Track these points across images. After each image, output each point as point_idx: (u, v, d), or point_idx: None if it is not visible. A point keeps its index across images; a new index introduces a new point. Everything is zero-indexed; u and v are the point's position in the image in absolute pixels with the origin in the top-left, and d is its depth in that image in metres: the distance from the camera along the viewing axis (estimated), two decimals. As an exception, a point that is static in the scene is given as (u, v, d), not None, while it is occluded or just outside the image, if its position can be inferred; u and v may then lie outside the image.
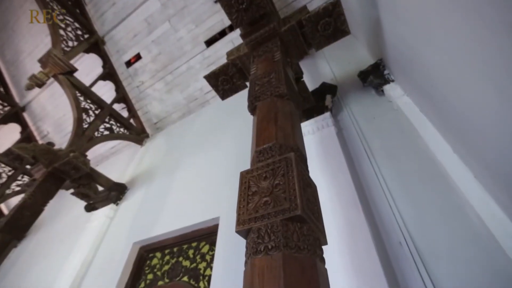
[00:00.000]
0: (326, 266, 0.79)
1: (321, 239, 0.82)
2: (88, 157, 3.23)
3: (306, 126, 2.22)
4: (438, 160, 1.58)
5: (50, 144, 3.24)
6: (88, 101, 3.73)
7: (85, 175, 3.17)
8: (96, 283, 2.58)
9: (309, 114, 2.34)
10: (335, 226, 1.53)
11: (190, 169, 3.00)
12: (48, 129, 5.42)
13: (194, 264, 2.20)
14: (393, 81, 2.17)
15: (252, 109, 1.36)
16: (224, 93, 2.13)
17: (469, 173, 1.45)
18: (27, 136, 5.36)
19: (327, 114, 2.24)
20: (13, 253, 4.46)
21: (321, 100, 2.34)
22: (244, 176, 0.97)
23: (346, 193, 1.68)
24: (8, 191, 5.00)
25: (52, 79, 3.75)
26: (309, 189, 0.92)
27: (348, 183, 1.72)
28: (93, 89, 3.85)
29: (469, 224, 1.35)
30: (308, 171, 1.03)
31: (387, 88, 2.15)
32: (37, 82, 3.45)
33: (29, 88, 3.40)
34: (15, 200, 4.42)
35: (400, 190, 1.63)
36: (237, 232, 0.83)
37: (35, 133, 5.45)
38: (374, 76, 2.22)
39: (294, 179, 0.84)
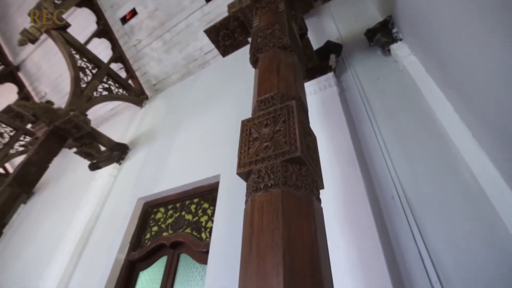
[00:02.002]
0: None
1: (319, 182, 0.86)
2: (89, 118, 3.23)
3: (308, 87, 2.19)
4: (438, 120, 1.59)
5: (49, 103, 3.22)
6: (84, 59, 3.62)
7: (87, 134, 3.20)
8: (105, 234, 2.75)
9: (312, 74, 2.29)
10: (332, 181, 1.58)
11: (191, 130, 3.02)
12: (45, 90, 5.33)
13: (196, 218, 2.32)
14: (401, 40, 2.08)
15: (254, 61, 1.33)
16: (225, 49, 2.06)
17: (468, 132, 1.47)
18: (24, 96, 5.29)
19: (330, 75, 2.19)
20: (22, 209, 4.69)
21: (324, 60, 2.27)
22: (245, 124, 0.98)
23: (344, 151, 1.71)
24: (12, 151, 5.08)
25: (45, 35, 3.60)
26: (309, 138, 0.94)
27: (347, 142, 1.74)
28: (89, 47, 3.71)
29: (461, 180, 1.40)
30: (308, 122, 1.04)
31: (394, 47, 2.07)
32: (29, 38, 3.31)
33: (22, 43, 3.27)
34: (19, 160, 4.52)
35: (397, 149, 1.66)
36: (238, 174, 0.86)
37: (33, 94, 5.37)
38: (382, 35, 2.13)
39: (295, 124, 0.85)
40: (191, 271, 2.13)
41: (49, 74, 5.14)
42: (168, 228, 2.44)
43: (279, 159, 0.79)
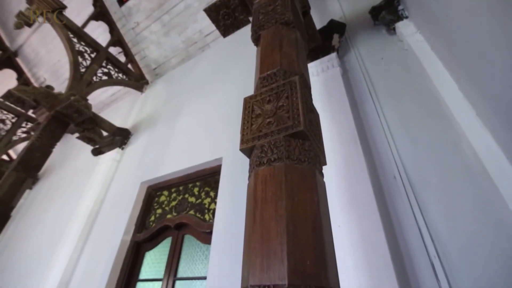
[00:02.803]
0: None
1: (321, 158, 0.86)
2: (90, 103, 3.21)
3: (311, 68, 2.15)
4: (442, 99, 1.57)
5: (49, 87, 3.19)
6: (82, 43, 3.55)
7: (89, 119, 3.20)
8: (110, 217, 2.81)
9: (315, 55, 2.24)
10: (334, 161, 1.59)
11: (192, 114, 3.01)
12: (44, 75, 5.28)
13: (200, 200, 2.36)
14: (406, 17, 2.02)
15: (255, 38, 1.30)
16: (225, 29, 2.01)
17: (472, 111, 1.46)
18: (24, 82, 5.25)
19: (333, 55, 2.15)
20: (29, 194, 4.78)
21: (328, 40, 2.22)
22: (248, 101, 0.97)
23: (346, 132, 1.71)
24: (14, 138, 5.11)
25: (41, 19, 3.52)
26: (312, 114, 0.93)
27: (349, 123, 1.73)
28: (86, 31, 3.63)
29: (463, 158, 1.40)
30: (311, 98, 1.03)
31: (399, 25, 2.02)
32: (25, 21, 3.24)
33: (18, 27, 3.21)
34: (22, 147, 4.56)
35: (400, 129, 1.66)
36: (241, 150, 0.86)
37: (32, 80, 5.33)
38: (387, 12, 2.07)
39: (298, 100, 0.84)
40: (195, 251, 2.19)
41: (47, 59, 5.07)
42: (172, 210, 2.48)
43: (282, 134, 0.79)
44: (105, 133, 3.55)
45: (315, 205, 0.67)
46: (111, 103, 4.83)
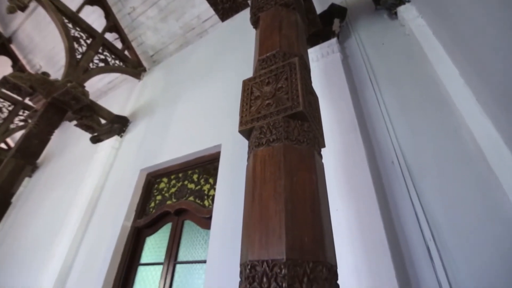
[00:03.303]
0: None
1: (320, 140, 0.86)
2: (87, 90, 3.18)
3: (310, 54, 2.12)
4: (443, 85, 1.56)
5: (45, 74, 3.14)
6: (78, 28, 3.48)
7: (86, 106, 3.17)
8: (110, 204, 2.83)
9: (314, 40, 2.20)
10: (333, 146, 1.59)
11: (191, 101, 2.99)
12: (40, 62, 5.19)
13: (199, 187, 2.37)
14: (408, 1, 1.98)
15: (254, 21, 1.27)
16: (224, 13, 1.97)
17: (472, 97, 1.45)
18: (19, 70, 5.16)
19: (334, 40, 2.11)
20: (28, 182, 4.79)
21: (328, 25, 2.18)
22: (247, 84, 0.96)
23: (345, 118, 1.70)
24: (12, 126, 5.09)
25: (35, 3, 3.43)
26: (311, 96, 0.92)
27: (349, 109, 1.73)
28: (81, 16, 3.55)
29: (462, 144, 1.41)
30: (311, 81, 1.02)
31: (401, 9, 1.98)
32: (18, 5, 3.16)
33: (11, 11, 3.13)
34: (20, 135, 4.54)
35: (399, 115, 1.65)
36: (240, 131, 0.86)
37: (27, 67, 5.25)
38: (389, -4, 2.02)
39: (297, 81, 0.84)
40: (195, 236, 2.22)
41: (42, 46, 4.97)
42: (172, 196, 2.50)
43: (281, 115, 0.79)
44: (103, 121, 3.53)
45: (313, 184, 0.67)
46: (108, 91, 4.78)
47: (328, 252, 0.60)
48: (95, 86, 4.65)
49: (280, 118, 0.78)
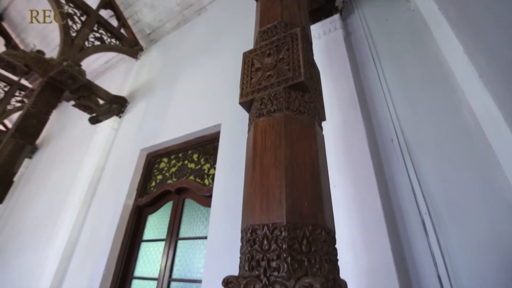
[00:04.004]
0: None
1: (321, 112, 0.86)
2: (83, 69, 3.12)
3: (312, 31, 2.06)
4: (446, 61, 1.54)
5: (40, 52, 3.07)
6: (71, 4, 3.35)
7: (83, 86, 3.13)
8: (111, 184, 2.87)
9: (316, 17, 2.14)
10: (332, 123, 1.59)
11: (189, 80, 2.94)
12: (34, 41, 5.05)
13: (199, 166, 2.39)
14: (415, -26, 1.90)
15: (255, -8, 1.23)
16: (223, -14, 1.89)
17: (475, 74, 1.43)
18: (13, 49, 5.03)
19: (336, 17, 2.05)
20: (29, 163, 4.82)
21: (331, 0, 2.11)
22: (247, 56, 0.94)
23: (346, 96, 1.69)
24: (9, 107, 5.04)
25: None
26: (313, 69, 0.91)
27: (350, 87, 1.71)
28: (74, -10, 3.41)
29: (462, 120, 1.41)
30: (312, 54, 1.00)
31: (407, -17, 1.90)
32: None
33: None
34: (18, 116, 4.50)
35: (400, 93, 1.64)
36: (241, 103, 0.86)
37: (21, 46, 5.11)
38: (395, -32, 1.94)
39: (299, 52, 0.82)
40: (196, 213, 2.27)
41: (35, 24, 4.81)
42: (172, 176, 2.53)
43: (282, 85, 0.78)
44: (101, 102, 3.49)
45: (313, 153, 0.68)
46: (105, 71, 4.69)
47: (327, 217, 0.62)
48: (91, 66, 4.56)
49: (281, 89, 0.77)
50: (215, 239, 1.82)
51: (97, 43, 3.56)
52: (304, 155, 0.66)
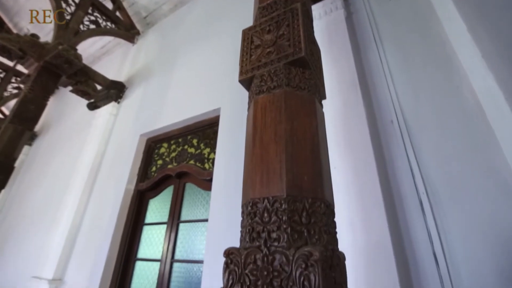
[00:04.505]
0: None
1: (321, 90, 0.86)
2: (79, 53, 3.06)
3: (313, 11, 2.00)
4: (449, 41, 1.51)
5: (34, 36, 3.00)
6: (64, -14, 3.25)
7: (80, 71, 3.08)
8: (112, 169, 2.88)
9: (317, -3, 2.08)
10: (331, 105, 1.58)
11: (188, 64, 2.90)
12: (27, 26, 4.92)
13: (199, 151, 2.40)
14: (420, -50, 1.83)
15: (254, -33, 1.18)
16: (220, -36, 1.82)
17: (478, 53, 1.41)
18: (6, 33, 4.92)
19: (338, -4, 1.99)
20: (29, 150, 4.83)
21: (332, -22, 2.04)
22: (246, 33, 0.92)
23: (347, 78, 1.67)
24: (6, 94, 4.98)
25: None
26: (314, 46, 0.89)
27: (351, 69, 1.69)
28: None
29: (462, 101, 1.40)
30: (313, 31, 0.98)
31: (411, -40, 1.83)
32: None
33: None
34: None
35: (401, 74, 1.62)
36: (240, 81, 0.85)
37: (14, 31, 4.98)
38: None
39: (300, 27, 0.80)
40: (197, 197, 2.30)
41: (28, 7, 4.67)
42: (172, 161, 2.54)
43: (282, 61, 0.77)
44: (99, 87, 3.45)
45: (314, 128, 0.68)
46: (101, 56, 4.61)
47: (326, 191, 0.63)
48: (87, 51, 4.47)
49: (281, 65, 0.76)
50: (216, 221, 1.85)
51: (92, 26, 3.48)
52: (304, 131, 0.66)
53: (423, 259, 1.23)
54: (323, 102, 0.97)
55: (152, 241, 2.38)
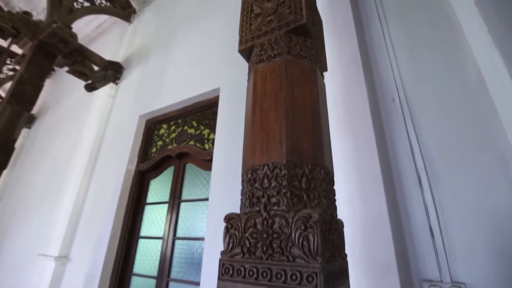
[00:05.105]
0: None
1: (322, 60, 0.84)
2: (75, 32, 2.97)
3: (315, -15, 1.94)
4: (455, 15, 1.46)
5: (27, 14, 2.90)
6: (55, -40, 3.10)
7: (76, 50, 3.01)
8: (112, 150, 2.89)
9: (320, -30, 1.99)
10: (332, 82, 1.56)
11: (186, 43, 2.83)
12: (19, 4, 4.76)
13: (199, 131, 2.40)
14: None
15: None
16: None
17: (484, 27, 1.37)
18: (-2, 13, 4.76)
19: (341, -31, 1.91)
20: (29, 133, 4.82)
21: (335, -50, 1.94)
22: (246, 2, 0.89)
23: (348, 55, 1.63)
24: (1, 76, 4.91)
25: None
26: (315, 16, 0.87)
27: (353, 46, 1.64)
28: None
29: (466, 79, 1.38)
30: (315, 1, 0.94)
31: None
32: None
33: None
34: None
35: (405, 51, 1.59)
36: (240, 51, 0.83)
37: (5, 9, 4.82)
38: None
39: (301, -7, 0.77)
40: (197, 177, 2.32)
41: (19, -16, 4.51)
42: (172, 141, 2.54)
43: (283, 29, 0.75)
44: (96, 68, 3.39)
45: (314, 97, 0.67)
46: (97, 36, 4.49)
47: (326, 158, 0.63)
48: (83, 31, 4.35)
49: (282, 33, 0.74)
50: (217, 200, 1.88)
51: (86, 4, 3.36)
52: (305, 99, 0.65)
53: (419, 233, 1.26)
54: (324, 75, 0.95)
55: (154, 220, 2.43)
